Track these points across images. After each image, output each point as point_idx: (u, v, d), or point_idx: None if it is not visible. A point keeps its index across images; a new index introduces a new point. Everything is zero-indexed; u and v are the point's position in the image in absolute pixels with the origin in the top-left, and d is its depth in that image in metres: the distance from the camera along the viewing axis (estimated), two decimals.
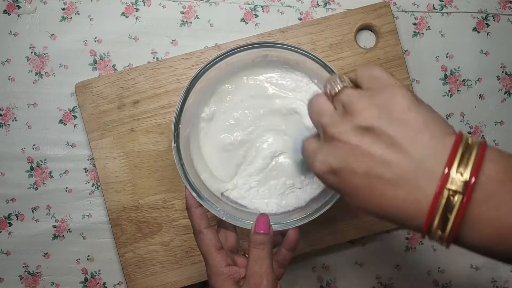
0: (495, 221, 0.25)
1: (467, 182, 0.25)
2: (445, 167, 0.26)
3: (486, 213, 0.26)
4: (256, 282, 0.40)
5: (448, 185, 0.25)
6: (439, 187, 0.26)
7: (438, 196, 0.26)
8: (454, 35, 0.61)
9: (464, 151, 0.26)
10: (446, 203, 0.26)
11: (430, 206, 0.26)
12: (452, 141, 0.27)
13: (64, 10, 0.60)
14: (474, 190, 0.25)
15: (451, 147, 0.26)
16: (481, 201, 0.26)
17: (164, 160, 0.58)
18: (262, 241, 0.41)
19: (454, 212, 0.25)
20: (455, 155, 0.26)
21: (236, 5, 0.61)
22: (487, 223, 0.26)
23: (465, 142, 0.26)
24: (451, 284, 0.61)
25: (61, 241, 0.60)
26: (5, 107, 0.60)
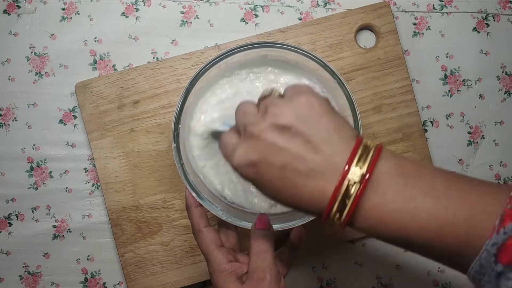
0: (380, 206, 0.30)
1: (364, 175, 0.30)
2: (347, 163, 0.31)
3: (374, 200, 0.31)
4: (259, 276, 0.40)
5: (349, 176, 0.30)
6: (340, 178, 0.30)
7: (339, 186, 0.30)
8: (454, 35, 0.61)
9: (363, 151, 0.31)
10: (345, 191, 0.30)
11: (332, 194, 0.31)
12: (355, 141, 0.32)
13: (64, 10, 0.60)
14: (369, 181, 0.30)
15: (353, 147, 0.31)
16: (372, 190, 0.31)
17: (164, 160, 0.58)
18: (263, 235, 0.41)
19: (351, 198, 0.30)
20: (356, 153, 0.31)
21: (236, 5, 0.61)
22: (374, 208, 0.31)
23: (364, 144, 0.32)
24: (451, 284, 0.61)
25: (61, 241, 0.60)
26: (5, 107, 0.60)
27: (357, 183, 0.30)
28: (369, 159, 0.31)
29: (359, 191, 0.30)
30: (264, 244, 0.41)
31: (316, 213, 0.33)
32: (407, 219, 0.30)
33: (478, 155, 0.61)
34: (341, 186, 0.30)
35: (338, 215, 0.31)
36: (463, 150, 0.61)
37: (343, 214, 0.31)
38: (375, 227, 0.31)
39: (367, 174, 0.30)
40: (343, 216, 0.31)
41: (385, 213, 0.30)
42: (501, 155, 0.61)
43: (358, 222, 0.32)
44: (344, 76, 0.58)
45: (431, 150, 0.60)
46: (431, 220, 0.30)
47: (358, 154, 0.31)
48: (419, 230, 0.30)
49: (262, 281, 0.40)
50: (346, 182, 0.30)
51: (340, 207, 0.31)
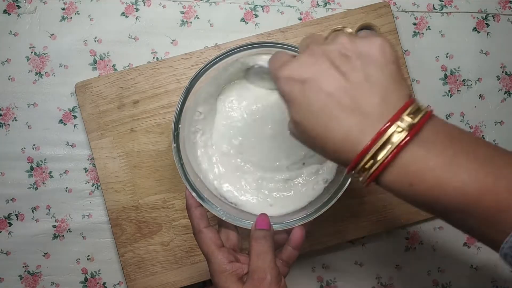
0: (421, 160, 0.29)
1: (413, 124, 0.29)
2: (399, 110, 0.29)
3: (417, 153, 0.29)
4: (260, 276, 0.40)
5: (397, 122, 0.29)
6: (388, 121, 0.29)
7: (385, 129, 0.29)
8: (454, 35, 0.61)
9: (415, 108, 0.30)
10: (389, 137, 0.29)
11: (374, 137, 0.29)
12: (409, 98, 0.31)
13: (64, 10, 0.60)
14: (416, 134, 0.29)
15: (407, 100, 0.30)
16: (416, 143, 0.29)
17: (164, 160, 0.58)
18: (263, 236, 0.41)
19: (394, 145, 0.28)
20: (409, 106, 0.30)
21: (236, 5, 0.61)
22: (414, 161, 0.29)
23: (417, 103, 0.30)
24: (451, 284, 0.61)
25: (61, 241, 0.60)
26: (5, 107, 0.60)
27: (404, 131, 0.29)
28: (421, 114, 0.29)
29: (405, 138, 0.28)
30: (265, 245, 0.41)
31: (343, 157, 0.31)
32: (448, 177, 0.28)
33: None
34: (386, 131, 0.29)
35: (370, 164, 0.29)
36: None
37: (377, 162, 0.29)
38: (411, 182, 0.29)
39: (418, 125, 0.29)
40: (376, 165, 0.29)
41: (425, 168, 0.29)
42: None
43: (392, 174, 0.29)
44: None
45: None
46: (471, 182, 0.28)
47: (410, 108, 0.29)
48: (457, 192, 0.28)
49: (262, 281, 0.40)
50: (392, 128, 0.29)
51: (375, 155, 0.29)
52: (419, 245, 0.61)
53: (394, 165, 0.29)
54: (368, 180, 0.30)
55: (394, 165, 0.29)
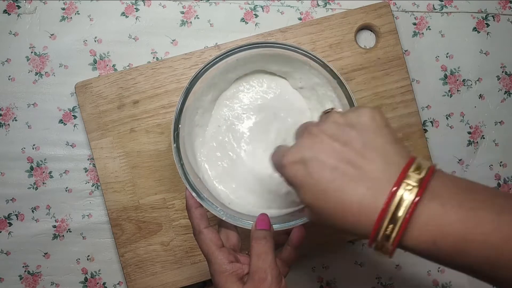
0: (440, 215, 0.28)
1: (422, 179, 0.29)
2: (403, 169, 0.30)
3: (434, 209, 0.29)
4: (260, 277, 0.40)
5: (406, 180, 0.29)
6: (397, 180, 0.29)
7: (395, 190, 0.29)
8: (454, 35, 0.61)
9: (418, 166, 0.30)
10: (401, 198, 0.29)
11: (387, 199, 0.29)
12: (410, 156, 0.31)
13: (64, 10, 0.60)
14: (426, 189, 0.29)
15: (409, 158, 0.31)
16: (430, 199, 0.29)
17: (164, 160, 0.58)
18: (263, 236, 0.41)
19: (409, 203, 0.28)
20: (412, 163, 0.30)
21: (236, 5, 0.61)
22: (433, 218, 0.29)
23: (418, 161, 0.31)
24: (451, 284, 0.61)
25: (61, 241, 0.60)
26: (5, 107, 0.60)
27: (414, 188, 0.29)
28: (426, 170, 0.30)
29: (418, 194, 0.28)
30: (265, 245, 0.41)
31: (362, 228, 0.30)
32: (470, 230, 0.28)
33: (478, 155, 0.61)
34: (397, 192, 0.29)
35: (390, 228, 0.29)
36: (463, 150, 0.61)
37: (396, 225, 0.29)
38: (434, 240, 0.29)
39: (426, 179, 0.29)
40: (397, 227, 0.29)
41: (446, 224, 0.28)
42: (501, 155, 0.61)
43: (414, 235, 0.29)
44: (344, 76, 0.58)
45: (431, 150, 0.60)
46: (496, 233, 0.28)
47: (414, 165, 0.30)
48: (482, 244, 0.28)
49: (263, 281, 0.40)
50: (402, 188, 0.29)
51: (393, 218, 0.29)
52: None
53: (414, 225, 0.29)
54: (393, 246, 0.30)
55: (414, 226, 0.29)
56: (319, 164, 0.31)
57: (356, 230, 0.31)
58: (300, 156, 0.32)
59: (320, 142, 0.32)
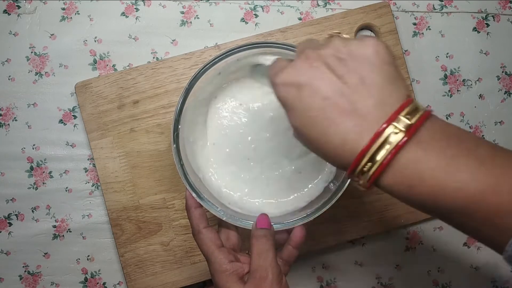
0: (420, 160, 0.28)
1: (411, 125, 0.28)
2: (395, 111, 0.29)
3: (415, 153, 0.28)
4: (261, 275, 0.40)
5: (395, 123, 0.28)
6: (385, 122, 0.29)
7: (382, 130, 0.28)
8: (454, 35, 0.61)
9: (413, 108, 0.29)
10: (386, 139, 0.28)
11: (371, 138, 0.28)
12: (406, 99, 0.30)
13: (64, 10, 0.60)
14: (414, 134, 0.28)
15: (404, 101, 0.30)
16: (414, 143, 0.29)
17: (164, 160, 0.58)
18: (264, 235, 0.41)
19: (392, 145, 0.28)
20: (406, 106, 0.29)
21: (236, 5, 0.61)
22: (412, 162, 0.28)
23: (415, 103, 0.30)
24: (451, 284, 0.61)
25: (61, 241, 0.60)
26: (5, 107, 0.60)
27: (401, 133, 0.28)
28: (418, 114, 0.29)
29: (403, 139, 0.28)
30: (265, 244, 0.41)
31: (342, 161, 0.30)
32: (448, 178, 0.28)
33: None
34: (383, 132, 0.28)
35: (368, 166, 0.29)
36: None
37: (375, 164, 0.29)
38: (410, 184, 0.29)
39: (415, 125, 0.28)
40: (375, 166, 0.29)
41: (425, 169, 0.28)
42: None
43: (391, 177, 0.29)
44: None
45: None
46: (472, 182, 0.28)
47: (408, 109, 0.29)
48: (458, 192, 0.28)
49: (264, 280, 0.40)
50: (389, 130, 0.28)
51: (373, 157, 0.29)
52: (419, 245, 0.61)
53: (393, 167, 0.29)
54: (368, 183, 0.30)
55: (393, 167, 0.29)
56: (312, 91, 0.30)
57: (335, 162, 0.31)
58: (294, 79, 0.31)
59: (316, 69, 0.31)
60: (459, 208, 0.28)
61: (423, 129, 0.29)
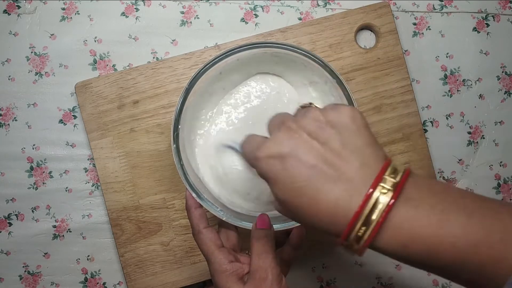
0: (412, 219, 0.29)
1: (396, 183, 0.29)
2: (379, 172, 0.30)
3: (406, 212, 0.29)
4: (261, 276, 0.40)
5: (381, 184, 0.29)
6: (373, 183, 0.29)
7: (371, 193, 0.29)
8: (454, 35, 0.61)
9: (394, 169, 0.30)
10: (376, 200, 0.29)
11: (362, 200, 0.29)
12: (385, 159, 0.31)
13: (64, 10, 0.60)
14: (401, 193, 0.29)
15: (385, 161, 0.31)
16: (404, 201, 0.29)
17: (164, 160, 0.58)
18: (264, 235, 0.42)
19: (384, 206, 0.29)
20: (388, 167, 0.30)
21: (236, 5, 0.61)
22: (405, 221, 0.29)
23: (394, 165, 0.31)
24: (451, 284, 0.61)
25: (61, 241, 0.60)
26: (5, 107, 0.60)
27: (390, 191, 0.29)
28: (401, 173, 0.30)
29: (393, 197, 0.29)
30: (265, 244, 0.41)
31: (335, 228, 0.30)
32: (441, 234, 0.28)
33: (478, 155, 0.61)
34: (372, 194, 0.29)
35: (363, 230, 0.29)
36: (463, 150, 0.61)
37: (369, 227, 0.29)
38: (405, 243, 0.29)
39: (400, 183, 0.29)
40: (370, 229, 0.29)
41: (418, 227, 0.29)
42: (501, 155, 0.61)
43: (385, 238, 0.29)
44: (344, 76, 0.58)
45: (431, 150, 0.60)
46: (464, 236, 0.28)
47: (390, 169, 0.30)
48: (452, 247, 0.28)
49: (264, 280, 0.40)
50: (378, 191, 0.29)
51: (367, 220, 0.29)
52: None
53: (386, 227, 0.29)
54: (363, 246, 0.30)
55: (386, 228, 0.29)
56: (297, 161, 0.30)
57: (328, 230, 0.31)
58: (277, 151, 0.31)
59: (299, 139, 0.31)
60: (453, 261, 0.29)
61: (410, 186, 0.30)
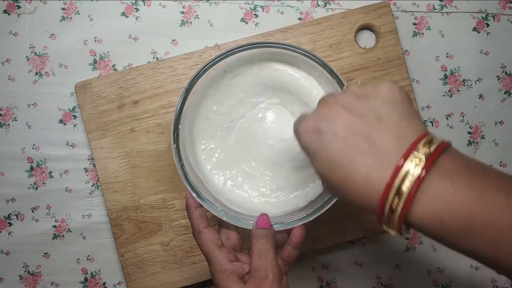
0: (449, 192, 0.28)
1: (430, 154, 0.29)
2: (414, 142, 0.29)
3: (442, 186, 0.28)
4: (262, 275, 0.40)
5: (415, 152, 0.29)
6: (406, 152, 0.29)
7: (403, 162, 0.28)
8: (454, 35, 0.61)
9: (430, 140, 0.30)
10: (407, 172, 0.28)
11: (393, 171, 0.28)
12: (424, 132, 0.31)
13: (64, 10, 0.60)
14: (435, 164, 0.28)
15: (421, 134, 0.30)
16: (439, 174, 0.28)
17: (164, 160, 0.58)
18: (264, 235, 0.42)
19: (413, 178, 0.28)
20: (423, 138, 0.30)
21: (236, 5, 0.61)
22: (441, 196, 0.28)
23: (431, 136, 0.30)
24: (451, 284, 0.61)
25: (61, 241, 0.60)
26: (5, 107, 0.60)
27: (422, 161, 0.28)
28: (436, 144, 0.29)
29: (424, 168, 0.28)
30: (266, 243, 0.41)
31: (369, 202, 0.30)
32: (481, 213, 0.28)
33: (478, 155, 0.61)
34: (404, 163, 0.28)
35: (396, 201, 0.29)
36: (463, 150, 0.61)
37: (401, 198, 0.28)
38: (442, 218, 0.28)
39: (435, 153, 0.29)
40: (403, 200, 0.28)
41: (455, 203, 0.28)
42: (501, 155, 0.61)
43: (420, 212, 0.29)
44: (344, 76, 0.58)
45: None
46: (504, 217, 0.28)
47: (425, 139, 0.30)
48: (491, 228, 0.28)
49: (264, 280, 0.40)
50: (410, 159, 0.28)
51: (400, 189, 0.28)
52: (419, 245, 0.61)
53: (422, 200, 0.29)
54: (399, 222, 0.29)
55: (422, 201, 0.29)
56: (332, 134, 0.31)
57: (363, 203, 0.31)
58: (315, 126, 0.32)
59: (335, 113, 0.32)
60: (492, 241, 0.28)
61: (445, 161, 0.29)
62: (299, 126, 0.34)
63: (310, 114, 0.34)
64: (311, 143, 0.32)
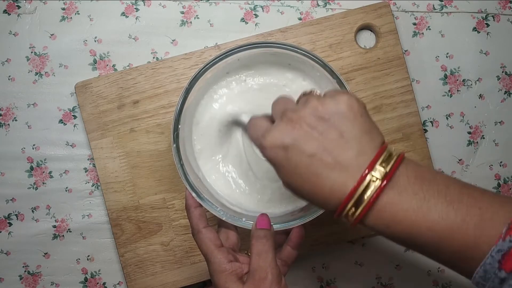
0: (395, 203, 0.32)
1: (386, 173, 0.32)
2: (372, 161, 0.33)
3: (391, 198, 0.32)
4: (261, 276, 0.40)
5: (372, 173, 0.32)
6: (365, 173, 0.32)
7: (362, 180, 0.32)
8: (454, 35, 0.61)
9: (387, 156, 0.33)
10: (366, 186, 0.32)
11: (354, 186, 0.32)
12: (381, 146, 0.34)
13: (64, 10, 0.60)
14: (389, 180, 0.32)
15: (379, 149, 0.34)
16: (390, 188, 0.32)
17: (164, 160, 0.58)
18: (264, 235, 0.42)
19: (372, 192, 0.32)
20: (381, 155, 0.33)
21: (236, 5, 0.61)
22: (389, 205, 0.32)
23: (389, 150, 0.34)
24: (451, 284, 0.61)
25: (61, 241, 0.60)
26: (5, 107, 0.60)
27: (378, 180, 0.32)
28: (392, 161, 0.33)
29: (380, 187, 0.32)
30: (265, 244, 0.41)
31: (331, 207, 0.34)
32: (419, 218, 0.32)
33: (478, 155, 0.61)
34: (363, 180, 0.32)
35: (353, 210, 0.33)
36: (463, 150, 0.61)
37: (358, 209, 0.32)
38: (387, 224, 0.33)
39: (390, 173, 0.32)
40: (359, 210, 0.32)
41: (399, 211, 0.32)
42: (501, 155, 0.61)
43: (371, 218, 0.33)
44: (344, 76, 0.58)
45: (431, 150, 0.60)
46: (441, 222, 0.31)
47: (383, 156, 0.33)
48: (429, 231, 0.32)
49: (263, 280, 0.40)
50: (369, 177, 0.32)
51: (357, 202, 0.32)
52: None
53: (374, 209, 0.33)
54: (354, 223, 0.34)
55: (374, 209, 0.33)
56: (298, 150, 0.34)
57: (325, 207, 0.35)
58: (281, 142, 0.34)
59: (300, 130, 0.34)
60: (431, 243, 0.32)
61: (398, 174, 0.33)
62: (263, 139, 0.35)
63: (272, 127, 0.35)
64: (277, 157, 0.35)
